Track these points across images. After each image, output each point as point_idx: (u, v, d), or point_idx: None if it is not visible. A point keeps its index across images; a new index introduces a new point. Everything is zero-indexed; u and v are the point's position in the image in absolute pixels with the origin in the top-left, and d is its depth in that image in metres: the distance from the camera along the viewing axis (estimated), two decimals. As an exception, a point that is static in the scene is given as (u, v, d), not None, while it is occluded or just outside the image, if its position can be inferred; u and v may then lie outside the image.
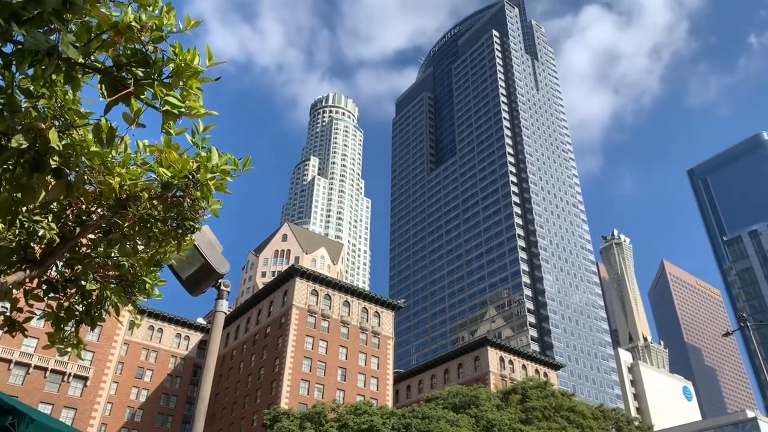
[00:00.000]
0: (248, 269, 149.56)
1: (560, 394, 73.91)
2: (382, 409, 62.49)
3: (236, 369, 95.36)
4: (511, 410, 67.24)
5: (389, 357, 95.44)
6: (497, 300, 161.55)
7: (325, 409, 61.99)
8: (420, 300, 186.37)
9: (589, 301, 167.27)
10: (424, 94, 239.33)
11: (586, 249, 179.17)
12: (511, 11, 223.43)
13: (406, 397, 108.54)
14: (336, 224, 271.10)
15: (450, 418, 59.61)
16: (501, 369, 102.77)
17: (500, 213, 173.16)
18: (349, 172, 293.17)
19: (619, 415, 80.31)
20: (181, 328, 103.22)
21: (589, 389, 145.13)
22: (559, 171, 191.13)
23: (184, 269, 6.58)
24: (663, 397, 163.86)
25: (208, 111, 4.08)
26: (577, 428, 67.59)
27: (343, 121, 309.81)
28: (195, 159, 4.28)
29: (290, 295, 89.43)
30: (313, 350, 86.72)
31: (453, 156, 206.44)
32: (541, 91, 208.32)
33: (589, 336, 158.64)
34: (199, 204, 4.44)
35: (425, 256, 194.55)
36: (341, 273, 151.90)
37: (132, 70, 3.77)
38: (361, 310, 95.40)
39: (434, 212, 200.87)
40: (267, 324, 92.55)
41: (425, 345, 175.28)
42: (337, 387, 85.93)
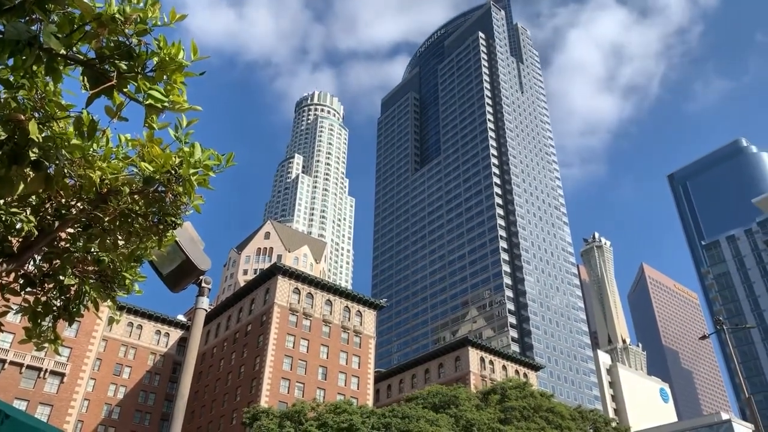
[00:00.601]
0: (230, 267, 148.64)
1: (539, 395, 74.47)
2: (362, 409, 62.48)
3: (216, 366, 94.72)
4: (491, 410, 67.61)
5: (370, 356, 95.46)
6: (479, 301, 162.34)
7: (305, 407, 61.83)
8: (402, 300, 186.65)
9: (570, 303, 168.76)
10: (410, 94, 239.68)
11: (567, 251, 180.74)
12: (498, 14, 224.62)
13: (387, 397, 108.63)
14: (319, 223, 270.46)
15: (430, 417, 59.78)
16: (481, 369, 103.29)
17: (483, 214, 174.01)
18: (333, 170, 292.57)
19: (597, 416, 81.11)
20: (160, 324, 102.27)
21: (568, 390, 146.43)
22: (542, 173, 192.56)
23: (165, 265, 6.52)
24: (640, 399, 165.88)
25: (192, 106, 4.05)
26: (556, 429, 68.14)
27: (328, 119, 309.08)
28: (178, 154, 4.24)
29: (272, 293, 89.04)
30: (294, 349, 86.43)
31: (437, 156, 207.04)
32: (525, 93, 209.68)
33: (569, 338, 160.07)
34: (181, 199, 4.40)
35: (408, 256, 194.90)
36: (324, 272, 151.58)
37: (115, 62, 3.72)
38: (343, 309, 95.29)
39: (418, 212, 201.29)
40: (248, 322, 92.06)
41: (407, 344, 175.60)
42: (317, 386, 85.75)
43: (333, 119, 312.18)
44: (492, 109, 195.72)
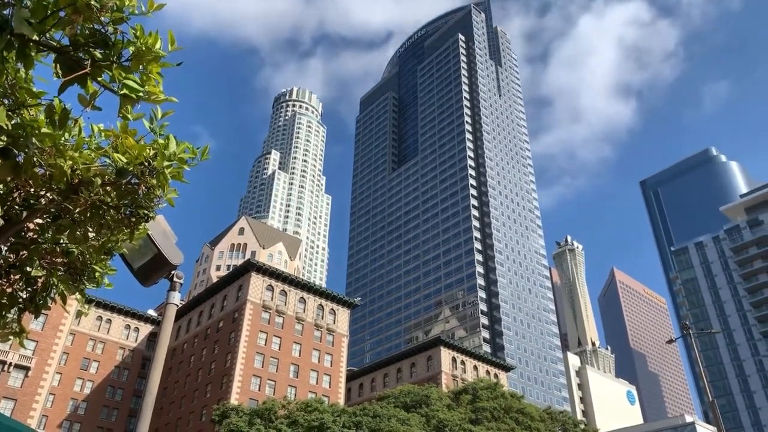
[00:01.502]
0: (203, 262, 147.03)
1: (510, 396, 75.21)
2: (333, 407, 62.36)
3: (186, 363, 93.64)
4: (462, 410, 68.05)
5: (343, 355, 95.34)
6: (452, 301, 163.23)
7: (276, 405, 61.49)
8: (376, 299, 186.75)
9: (541, 305, 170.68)
10: (389, 93, 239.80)
11: (540, 254, 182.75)
12: (478, 16, 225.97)
13: (358, 395, 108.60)
14: (295, 220, 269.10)
15: (401, 417, 59.92)
16: (453, 369, 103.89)
17: (459, 215, 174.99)
18: (310, 167, 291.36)
19: (565, 417, 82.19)
20: (130, 319, 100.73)
21: (538, 391, 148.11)
22: (518, 177, 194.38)
23: (136, 259, 6.42)
24: (608, 401, 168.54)
25: (168, 97, 3.99)
26: (525, 430, 68.88)
27: (306, 116, 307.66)
28: (152, 146, 4.18)
29: (245, 290, 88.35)
30: (266, 346, 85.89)
31: (415, 157, 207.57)
32: (503, 97, 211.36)
33: (540, 339, 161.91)
34: (154, 192, 4.33)
35: (383, 255, 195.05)
36: (298, 269, 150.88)
37: (90, 50, 3.64)
38: (317, 307, 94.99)
39: (394, 212, 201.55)
40: (220, 318, 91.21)
41: (379, 344, 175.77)
42: (289, 384, 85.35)
43: (311, 116, 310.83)
44: (470, 112, 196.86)
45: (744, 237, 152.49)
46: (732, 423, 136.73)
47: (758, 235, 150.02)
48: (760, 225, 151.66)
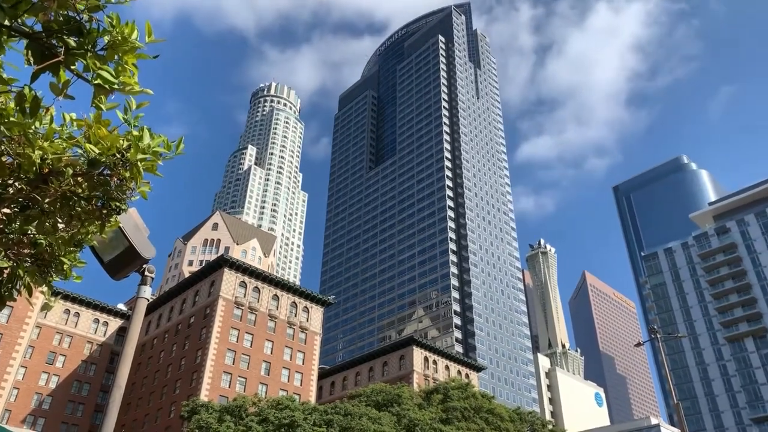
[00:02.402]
0: (175, 256, 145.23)
1: (480, 396, 75.79)
2: (304, 405, 62.16)
3: (156, 358, 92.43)
4: (433, 410, 68.38)
5: (315, 353, 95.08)
6: (426, 301, 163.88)
7: (246, 402, 61.08)
8: (350, 297, 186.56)
9: (513, 307, 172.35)
10: (368, 92, 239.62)
11: (513, 256, 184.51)
12: (458, 18, 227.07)
13: (330, 394, 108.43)
14: (270, 216, 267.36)
15: (372, 415, 59.98)
16: (425, 369, 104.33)
17: (434, 216, 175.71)
18: (287, 164, 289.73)
19: (535, 418, 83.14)
20: (99, 313, 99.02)
21: (508, 392, 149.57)
22: (493, 179, 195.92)
23: (107, 252, 6.31)
24: (576, 402, 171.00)
25: (143, 89, 3.93)
26: (495, 430, 69.50)
27: (284, 111, 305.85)
28: (126, 137, 4.11)
29: (217, 286, 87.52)
30: (237, 343, 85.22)
31: (393, 156, 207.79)
32: (481, 99, 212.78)
33: (511, 340, 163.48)
34: (127, 184, 4.26)
35: (359, 254, 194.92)
36: (272, 266, 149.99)
37: (63, 38, 3.57)
38: (290, 305, 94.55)
39: (370, 210, 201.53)
40: (191, 314, 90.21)
41: (352, 342, 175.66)
42: (260, 381, 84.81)
43: (289, 112, 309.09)
44: (448, 113, 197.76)
45: (711, 244, 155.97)
46: (695, 425, 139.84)
47: (725, 242, 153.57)
48: (727, 233, 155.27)
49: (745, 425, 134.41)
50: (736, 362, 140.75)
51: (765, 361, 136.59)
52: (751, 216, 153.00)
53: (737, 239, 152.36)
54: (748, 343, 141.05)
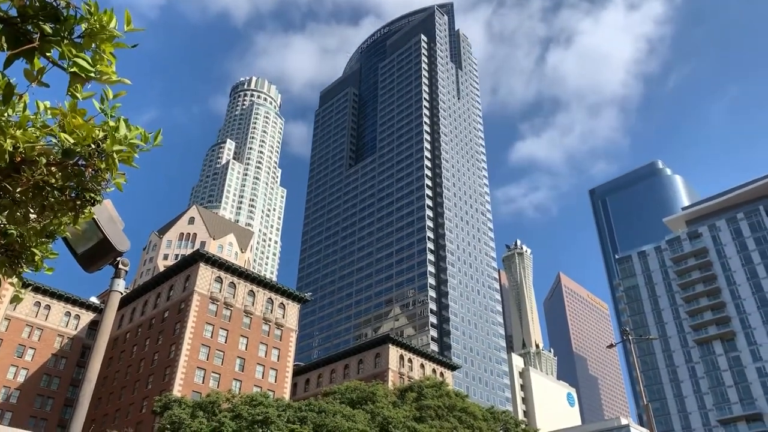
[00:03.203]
0: (150, 250, 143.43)
1: (454, 395, 76.22)
2: (278, 402, 61.90)
3: (129, 352, 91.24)
4: (407, 408, 68.58)
5: (291, 350, 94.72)
6: (402, 299, 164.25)
7: (220, 398, 60.63)
8: (327, 294, 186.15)
9: (489, 306, 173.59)
10: (350, 89, 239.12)
11: (490, 256, 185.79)
12: (441, 18, 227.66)
13: (304, 391, 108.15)
14: (248, 211, 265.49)
15: (346, 413, 59.97)
16: (400, 367, 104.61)
17: (413, 215, 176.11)
18: (266, 159, 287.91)
19: (507, 417, 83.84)
20: (71, 306, 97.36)
21: (482, 391, 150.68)
22: (472, 179, 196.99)
23: (80, 243, 6.21)
24: (549, 402, 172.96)
25: (121, 79, 3.87)
26: (468, 428, 69.95)
27: (264, 106, 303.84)
28: (102, 127, 4.04)
29: (193, 281, 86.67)
30: (212, 338, 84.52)
31: (373, 154, 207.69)
32: (462, 100, 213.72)
33: (486, 340, 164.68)
34: (102, 175, 4.18)
35: (336, 251, 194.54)
36: (249, 262, 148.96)
37: (39, 24, 3.50)
38: (266, 301, 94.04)
39: (349, 208, 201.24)
40: (165, 308, 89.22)
41: (328, 339, 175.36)
42: (234, 377, 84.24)
43: (269, 107, 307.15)
44: (429, 113, 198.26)
45: (684, 248, 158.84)
46: (664, 426, 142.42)
47: (697, 246, 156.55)
48: (699, 237, 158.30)
49: (712, 426, 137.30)
50: (704, 364, 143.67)
51: (732, 364, 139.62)
52: (723, 222, 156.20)
53: (708, 244, 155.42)
54: (716, 345, 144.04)
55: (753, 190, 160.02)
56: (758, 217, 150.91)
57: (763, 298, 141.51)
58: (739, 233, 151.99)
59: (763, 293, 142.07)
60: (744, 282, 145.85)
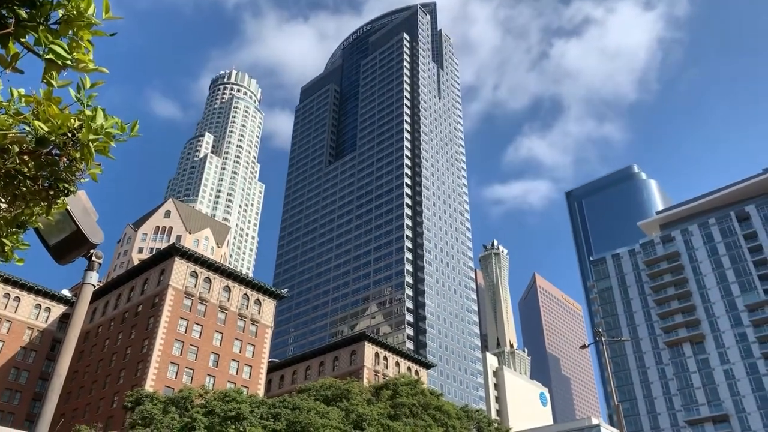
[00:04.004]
0: (124, 243, 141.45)
1: (429, 393, 76.54)
2: (252, 398, 61.55)
3: (100, 346, 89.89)
4: (381, 405, 68.70)
5: (266, 346, 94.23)
6: (379, 297, 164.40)
7: (193, 394, 60.08)
8: (304, 291, 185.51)
9: (465, 306, 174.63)
10: (331, 85, 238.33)
11: (467, 255, 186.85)
12: (423, 18, 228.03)
13: (279, 387, 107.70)
14: (225, 206, 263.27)
15: (320, 410, 59.85)
16: (376, 364, 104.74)
17: (392, 213, 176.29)
18: (245, 153, 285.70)
19: (481, 416, 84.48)
20: (42, 298, 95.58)
21: (456, 389, 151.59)
22: (451, 179, 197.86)
23: (53, 234, 6.09)
24: (521, 402, 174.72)
25: (98, 67, 3.79)
26: (441, 427, 70.33)
27: (244, 100, 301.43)
28: (78, 116, 3.96)
29: (167, 275, 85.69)
30: (186, 333, 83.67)
31: (353, 151, 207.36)
32: (443, 100, 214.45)
33: (461, 339, 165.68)
34: (76, 165, 4.10)
35: (314, 248, 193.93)
36: (225, 257, 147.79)
37: (14, 8, 3.41)
38: (242, 297, 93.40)
39: (328, 205, 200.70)
40: (139, 302, 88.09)
41: (304, 336, 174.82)
42: (208, 372, 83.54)
43: (249, 101, 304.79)
44: (410, 111, 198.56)
45: (657, 251, 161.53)
46: (633, 426, 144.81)
47: (669, 250, 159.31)
48: (671, 241, 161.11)
49: (680, 427, 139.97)
50: (674, 366, 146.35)
51: (701, 366, 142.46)
52: (695, 226, 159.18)
53: (681, 248, 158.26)
54: (686, 348, 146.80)
55: (725, 196, 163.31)
56: (729, 223, 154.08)
57: (732, 302, 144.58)
58: (711, 238, 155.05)
59: (731, 297, 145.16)
60: (714, 286, 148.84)
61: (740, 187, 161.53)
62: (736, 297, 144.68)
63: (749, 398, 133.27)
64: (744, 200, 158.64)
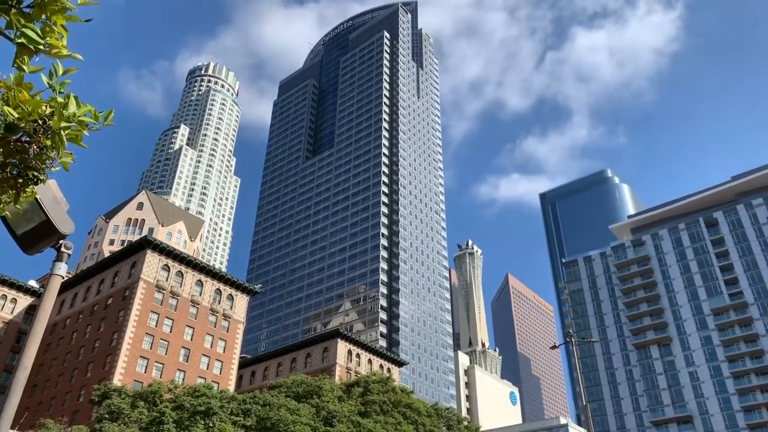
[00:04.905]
0: (95, 234, 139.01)
1: (400, 391, 76.79)
2: (222, 393, 61.04)
3: (68, 339, 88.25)
4: (352, 402, 68.71)
5: (237, 341, 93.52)
6: (353, 294, 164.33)
7: (162, 388, 59.35)
8: (277, 287, 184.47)
9: (438, 305, 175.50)
10: (310, 81, 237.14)
11: (441, 255, 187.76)
12: (404, 17, 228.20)
13: (250, 383, 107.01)
14: (199, 199, 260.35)
15: (291, 406, 59.63)
16: (348, 361, 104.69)
17: (368, 210, 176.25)
18: (220, 146, 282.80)
19: (451, 414, 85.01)
20: (7, 289, 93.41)
21: (427, 387, 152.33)
22: (428, 178, 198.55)
23: (20, 224, 5.94)
24: (491, 400, 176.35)
25: (72, 53, 3.71)
26: (411, 424, 70.62)
27: (221, 93, 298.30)
28: (49, 103, 3.87)
29: (139, 268, 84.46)
30: (156, 327, 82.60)
31: (330, 148, 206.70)
32: (421, 99, 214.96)
33: (434, 337, 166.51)
34: (47, 154, 4.01)
35: (289, 244, 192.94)
36: (198, 251, 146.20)
37: (-15, -10, 3.32)
38: (215, 291, 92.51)
39: (304, 201, 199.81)
40: (109, 295, 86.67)
41: (276, 332, 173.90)
42: (178, 367, 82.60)
43: (226, 94, 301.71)
44: (388, 110, 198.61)
45: (627, 255, 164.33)
46: (600, 426, 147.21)
47: (640, 254, 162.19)
48: (642, 245, 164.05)
49: (645, 427, 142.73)
50: (641, 367, 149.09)
51: (667, 368, 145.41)
52: (665, 231, 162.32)
53: (651, 252, 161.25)
54: (653, 350, 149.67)
55: (694, 202, 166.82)
56: (698, 228, 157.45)
57: (698, 306, 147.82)
58: (680, 243, 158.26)
59: (698, 301, 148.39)
60: (682, 290, 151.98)
61: (710, 193, 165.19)
62: (702, 301, 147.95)
63: (713, 400, 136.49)
64: (713, 207, 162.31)
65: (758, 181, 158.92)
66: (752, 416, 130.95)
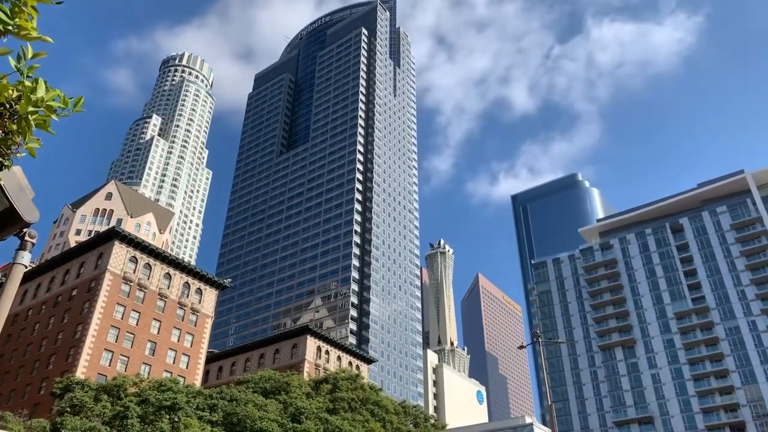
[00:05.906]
0: (61, 224, 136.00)
1: (369, 388, 76.93)
2: (188, 388, 60.36)
3: (30, 330, 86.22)
4: (321, 399, 68.58)
5: (205, 336, 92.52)
6: (324, 291, 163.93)
7: (126, 382, 58.40)
8: (248, 282, 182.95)
9: (409, 303, 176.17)
10: (286, 75, 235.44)
11: (413, 253, 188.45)
12: (383, 14, 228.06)
13: (217, 378, 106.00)
14: (170, 191, 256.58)
15: (258, 402, 59.26)
16: (317, 358, 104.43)
17: (342, 207, 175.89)
18: (193, 138, 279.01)
19: (418, 411, 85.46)
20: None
21: (396, 385, 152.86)
22: (402, 177, 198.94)
23: (-18, 210, 5.77)
24: (458, 399, 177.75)
25: (42, 36, 3.61)
26: (379, 421, 70.78)
27: (195, 84, 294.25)
28: (16, 87, 3.75)
29: (105, 259, 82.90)
30: (122, 320, 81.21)
31: (305, 143, 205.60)
32: (398, 97, 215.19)
33: (403, 335, 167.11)
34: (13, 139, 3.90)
35: (261, 238, 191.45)
36: (167, 243, 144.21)
37: (-49, -33, 3.20)
38: (183, 285, 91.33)
39: (277, 195, 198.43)
40: (74, 286, 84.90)
41: (245, 327, 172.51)
42: (143, 361, 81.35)
43: (200, 85, 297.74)
44: (364, 107, 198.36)
45: (595, 258, 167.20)
46: (565, 426, 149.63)
47: (607, 257, 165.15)
48: (610, 248, 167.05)
49: (608, 428, 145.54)
50: (605, 369, 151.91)
51: (630, 370, 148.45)
52: (632, 235, 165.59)
53: (618, 255, 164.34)
54: (617, 352, 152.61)
55: (661, 208, 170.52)
56: (664, 234, 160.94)
57: (662, 310, 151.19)
58: (646, 247, 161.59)
59: (662, 305, 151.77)
60: (647, 293, 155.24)
61: (676, 199, 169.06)
62: (666, 305, 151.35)
63: (673, 402, 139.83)
64: (679, 212, 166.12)
65: (723, 189, 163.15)
66: (711, 417, 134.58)
